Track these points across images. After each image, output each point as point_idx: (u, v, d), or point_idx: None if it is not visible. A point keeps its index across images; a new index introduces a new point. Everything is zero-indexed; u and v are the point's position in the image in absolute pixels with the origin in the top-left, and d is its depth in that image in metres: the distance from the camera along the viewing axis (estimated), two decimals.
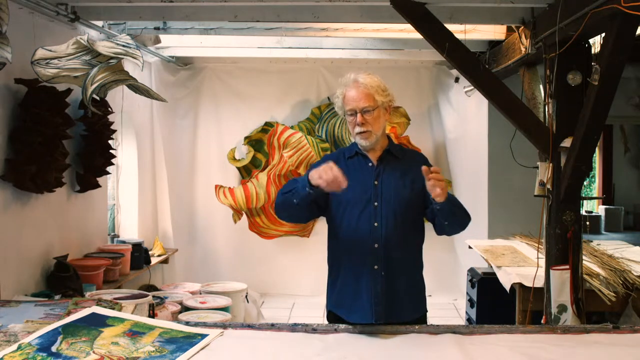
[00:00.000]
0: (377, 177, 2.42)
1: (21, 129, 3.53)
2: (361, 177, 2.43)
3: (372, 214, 2.38)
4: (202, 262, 6.74)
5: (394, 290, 2.37)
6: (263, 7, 4.21)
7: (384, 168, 2.44)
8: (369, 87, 2.37)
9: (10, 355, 1.99)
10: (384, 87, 2.41)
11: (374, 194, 2.40)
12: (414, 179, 2.40)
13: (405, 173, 2.43)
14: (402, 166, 2.45)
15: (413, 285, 2.47)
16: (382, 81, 2.42)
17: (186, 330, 2.27)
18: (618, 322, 3.57)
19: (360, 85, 2.37)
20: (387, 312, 2.36)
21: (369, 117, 2.37)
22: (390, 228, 2.36)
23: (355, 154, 2.49)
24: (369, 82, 2.37)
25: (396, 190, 2.40)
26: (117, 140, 5.21)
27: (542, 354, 2.11)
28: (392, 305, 2.37)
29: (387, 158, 2.46)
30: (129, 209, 5.65)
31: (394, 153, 2.47)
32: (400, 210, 2.38)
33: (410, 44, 5.47)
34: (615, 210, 10.11)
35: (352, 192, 2.37)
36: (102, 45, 3.29)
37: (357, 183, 2.40)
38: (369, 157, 2.47)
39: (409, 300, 2.44)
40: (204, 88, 6.74)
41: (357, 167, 2.46)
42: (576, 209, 3.69)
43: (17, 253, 3.59)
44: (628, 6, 2.70)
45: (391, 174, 2.43)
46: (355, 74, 2.42)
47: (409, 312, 2.44)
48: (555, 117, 3.69)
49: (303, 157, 6.38)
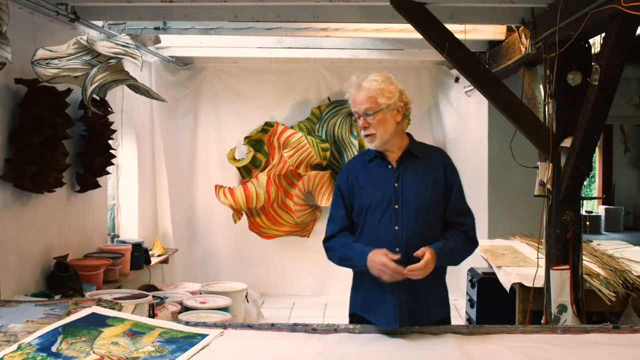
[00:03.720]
0: (397, 179, 2.37)
1: (21, 129, 3.53)
2: (381, 180, 2.39)
3: (393, 217, 2.33)
4: (202, 262, 6.74)
5: (417, 294, 2.32)
6: (263, 7, 4.21)
7: (404, 169, 2.39)
8: (370, 90, 2.34)
9: (10, 355, 1.99)
10: (390, 88, 2.35)
11: (394, 196, 2.35)
12: (435, 179, 2.38)
13: (426, 173, 2.39)
14: (423, 166, 2.40)
15: (436, 289, 2.42)
16: (389, 83, 2.37)
17: (186, 330, 2.27)
18: (618, 322, 3.57)
19: (362, 89, 2.36)
20: (410, 317, 2.31)
21: (372, 120, 2.34)
22: (412, 231, 2.32)
23: (375, 156, 2.45)
24: (371, 85, 2.35)
25: (417, 192, 2.35)
26: (117, 140, 5.21)
27: (542, 354, 2.11)
28: (416, 309, 2.32)
29: (407, 159, 2.41)
30: (129, 209, 5.65)
31: (414, 153, 2.42)
32: (421, 211, 2.34)
33: (410, 44, 5.47)
34: (615, 210, 10.09)
35: (373, 196, 2.37)
36: (102, 46, 3.29)
37: (377, 186, 2.38)
38: (388, 159, 2.42)
39: (433, 304, 2.40)
40: (204, 88, 6.74)
41: (377, 170, 2.42)
42: (576, 209, 3.69)
43: (17, 253, 3.59)
44: (628, 6, 2.70)
45: (412, 175, 2.38)
46: (360, 76, 2.40)
47: (432, 316, 2.39)
48: (555, 117, 3.70)
49: (303, 157, 6.38)
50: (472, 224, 2.43)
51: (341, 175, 2.52)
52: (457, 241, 2.36)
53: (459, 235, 2.38)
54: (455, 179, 2.42)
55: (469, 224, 2.41)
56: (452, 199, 2.39)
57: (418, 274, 2.21)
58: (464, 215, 2.41)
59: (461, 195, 2.43)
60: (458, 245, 2.35)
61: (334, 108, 6.57)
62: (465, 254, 2.43)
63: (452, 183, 2.40)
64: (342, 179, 2.49)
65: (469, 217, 2.43)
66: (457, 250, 2.36)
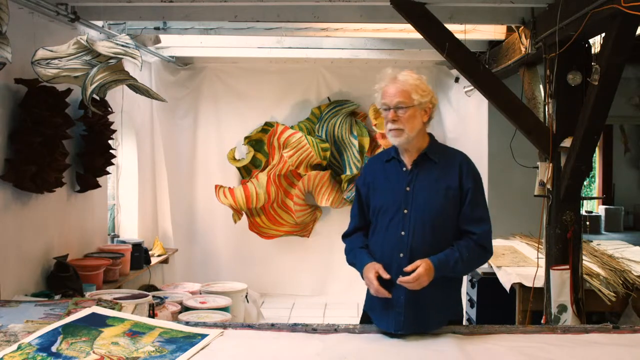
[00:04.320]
0: (409, 183, 2.34)
1: (21, 129, 3.53)
2: (394, 183, 2.36)
3: (401, 222, 2.30)
4: (202, 262, 6.74)
5: (418, 301, 2.27)
6: (263, 7, 4.21)
7: (418, 173, 2.35)
8: (406, 84, 2.30)
9: (10, 355, 1.99)
10: (424, 87, 2.32)
11: (404, 200, 2.32)
12: (448, 185, 2.32)
13: (440, 178, 2.33)
14: (438, 171, 2.34)
15: (441, 298, 2.33)
16: (423, 82, 2.34)
17: (186, 330, 2.27)
18: (618, 322, 3.57)
19: (397, 82, 2.32)
20: (411, 323, 2.29)
21: (402, 114, 2.29)
22: (418, 237, 2.28)
23: (392, 158, 2.42)
24: (407, 80, 2.31)
25: (429, 197, 2.30)
26: (117, 140, 5.21)
27: (542, 354, 2.11)
28: (417, 316, 2.29)
29: (423, 162, 2.36)
30: (129, 209, 5.64)
31: (431, 156, 2.36)
32: (430, 218, 2.29)
33: (410, 44, 5.47)
34: (615, 210, 10.10)
35: (385, 199, 2.36)
36: (102, 46, 3.30)
37: (390, 189, 2.36)
38: (404, 161, 2.38)
39: (436, 312, 2.33)
40: (204, 88, 6.74)
41: (392, 172, 2.40)
42: (576, 209, 3.69)
43: (17, 253, 3.59)
44: (628, 6, 2.70)
45: (425, 179, 2.33)
46: (396, 69, 2.36)
47: (435, 324, 2.34)
48: (555, 117, 3.70)
49: (303, 157, 6.38)
50: (485, 233, 2.34)
51: (361, 174, 2.54)
52: (464, 251, 2.29)
53: (468, 244, 2.31)
54: (470, 185, 2.34)
55: (481, 233, 2.33)
56: (465, 206, 2.33)
57: (409, 286, 2.20)
58: (476, 224, 2.33)
59: (475, 202, 2.34)
60: (465, 256, 2.29)
61: (334, 108, 6.57)
62: (474, 264, 2.39)
63: (466, 190, 2.33)
64: (361, 179, 2.52)
65: (482, 225, 2.34)
66: (464, 260, 2.29)
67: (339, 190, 6.58)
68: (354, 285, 6.75)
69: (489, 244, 2.36)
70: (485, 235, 2.35)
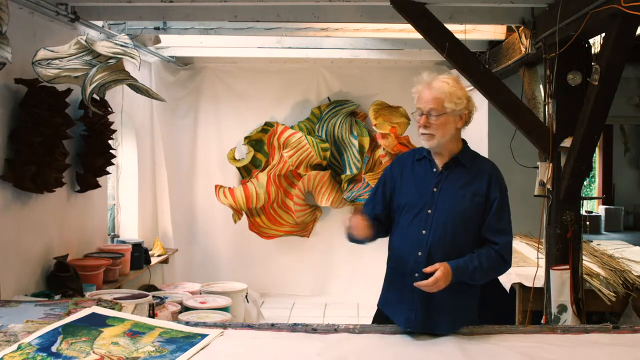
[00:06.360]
0: (437, 184, 2.36)
1: (21, 129, 3.53)
2: (422, 182, 2.38)
3: (424, 221, 2.33)
4: (202, 262, 6.74)
5: (431, 301, 2.28)
6: (263, 7, 4.21)
7: (447, 175, 2.37)
8: (440, 92, 2.30)
9: (10, 355, 1.99)
10: (460, 94, 2.32)
11: (430, 200, 2.34)
12: (475, 191, 2.34)
13: (468, 184, 2.35)
14: (467, 176, 2.37)
15: (455, 303, 2.33)
16: (459, 88, 2.33)
17: (186, 330, 2.27)
18: (618, 322, 3.58)
19: (432, 88, 2.33)
20: (422, 322, 2.30)
21: (434, 121, 2.31)
22: (437, 238, 2.30)
23: (423, 157, 2.44)
24: (442, 87, 2.31)
25: (453, 200, 2.32)
26: (117, 140, 5.21)
27: (542, 354, 2.11)
28: (429, 315, 2.30)
29: (453, 166, 2.38)
30: (129, 209, 5.64)
31: (462, 161, 2.38)
32: (452, 220, 2.31)
33: (410, 44, 5.47)
34: (615, 210, 10.10)
35: (410, 197, 2.37)
36: (102, 46, 3.30)
37: (417, 188, 2.38)
38: (435, 162, 2.40)
39: (449, 313, 2.33)
40: (204, 88, 6.74)
41: (422, 172, 2.41)
42: (576, 209, 3.70)
43: (17, 253, 3.59)
44: (628, 6, 2.71)
45: (453, 183, 2.35)
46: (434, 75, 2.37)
47: (446, 326, 2.34)
48: (555, 117, 3.70)
49: (303, 157, 6.38)
50: (506, 245, 2.35)
51: (390, 166, 2.53)
52: (485, 260, 2.29)
53: (489, 254, 2.31)
54: (496, 195, 2.35)
55: (503, 244, 2.34)
56: (490, 216, 2.34)
57: (427, 289, 2.21)
58: (498, 235, 2.34)
59: (500, 213, 2.35)
60: (484, 264, 2.29)
61: (334, 108, 6.57)
62: (492, 274, 2.40)
63: (492, 200, 2.34)
64: (387, 171, 2.52)
65: (504, 237, 2.35)
66: (483, 269, 2.29)
67: (339, 190, 6.58)
68: (354, 285, 6.83)
69: (509, 256, 2.38)
70: (506, 246, 2.36)
